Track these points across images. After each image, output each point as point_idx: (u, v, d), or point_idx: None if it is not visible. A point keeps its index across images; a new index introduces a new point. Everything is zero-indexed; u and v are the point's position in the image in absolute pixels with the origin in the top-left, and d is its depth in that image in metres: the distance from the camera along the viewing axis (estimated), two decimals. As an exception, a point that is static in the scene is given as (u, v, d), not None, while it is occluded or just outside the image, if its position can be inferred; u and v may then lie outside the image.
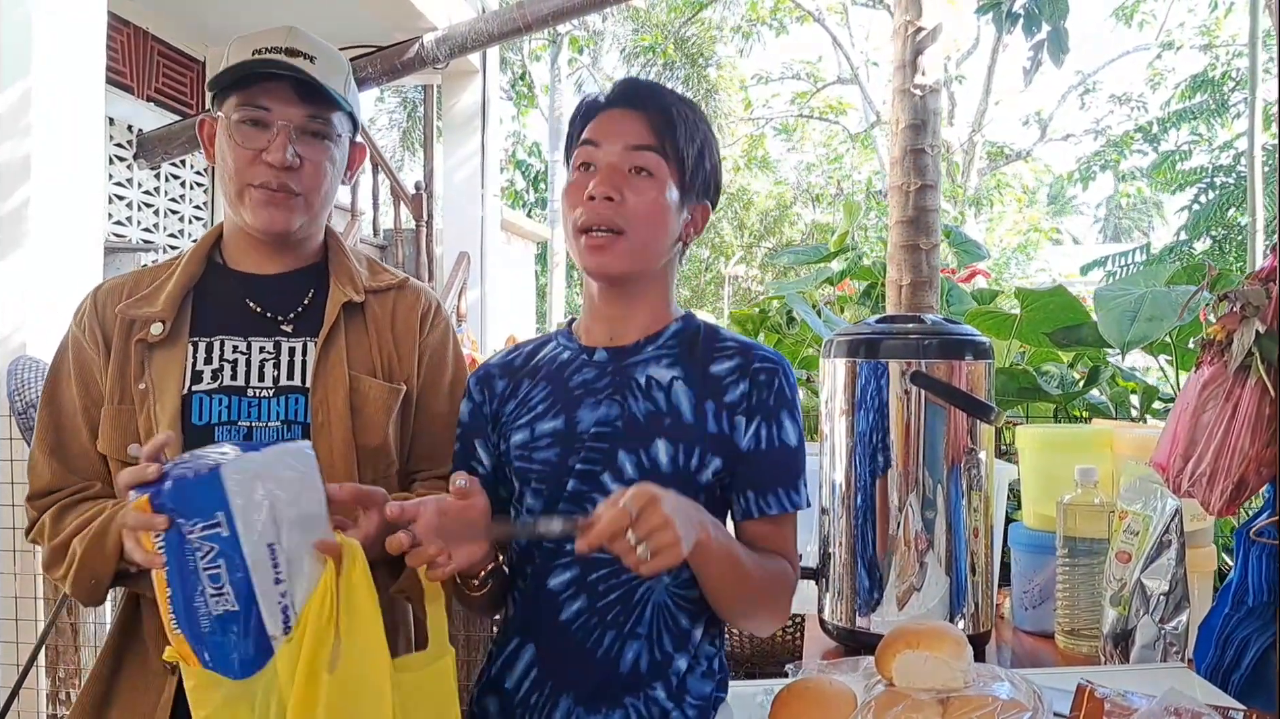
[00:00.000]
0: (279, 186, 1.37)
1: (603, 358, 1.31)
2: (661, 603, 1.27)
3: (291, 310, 1.44)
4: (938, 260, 2.85)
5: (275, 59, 1.36)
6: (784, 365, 1.30)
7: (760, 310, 4.08)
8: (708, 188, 1.34)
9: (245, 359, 1.41)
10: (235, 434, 1.38)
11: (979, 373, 1.62)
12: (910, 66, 2.77)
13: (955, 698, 1.05)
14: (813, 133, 18.27)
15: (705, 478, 1.26)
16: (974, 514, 1.62)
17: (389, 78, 6.50)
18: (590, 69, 16.87)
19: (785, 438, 1.27)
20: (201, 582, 1.06)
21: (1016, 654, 1.72)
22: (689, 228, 1.33)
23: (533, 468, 1.31)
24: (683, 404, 1.27)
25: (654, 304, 1.33)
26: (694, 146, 1.29)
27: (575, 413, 1.29)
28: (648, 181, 1.26)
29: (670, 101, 1.30)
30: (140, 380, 1.37)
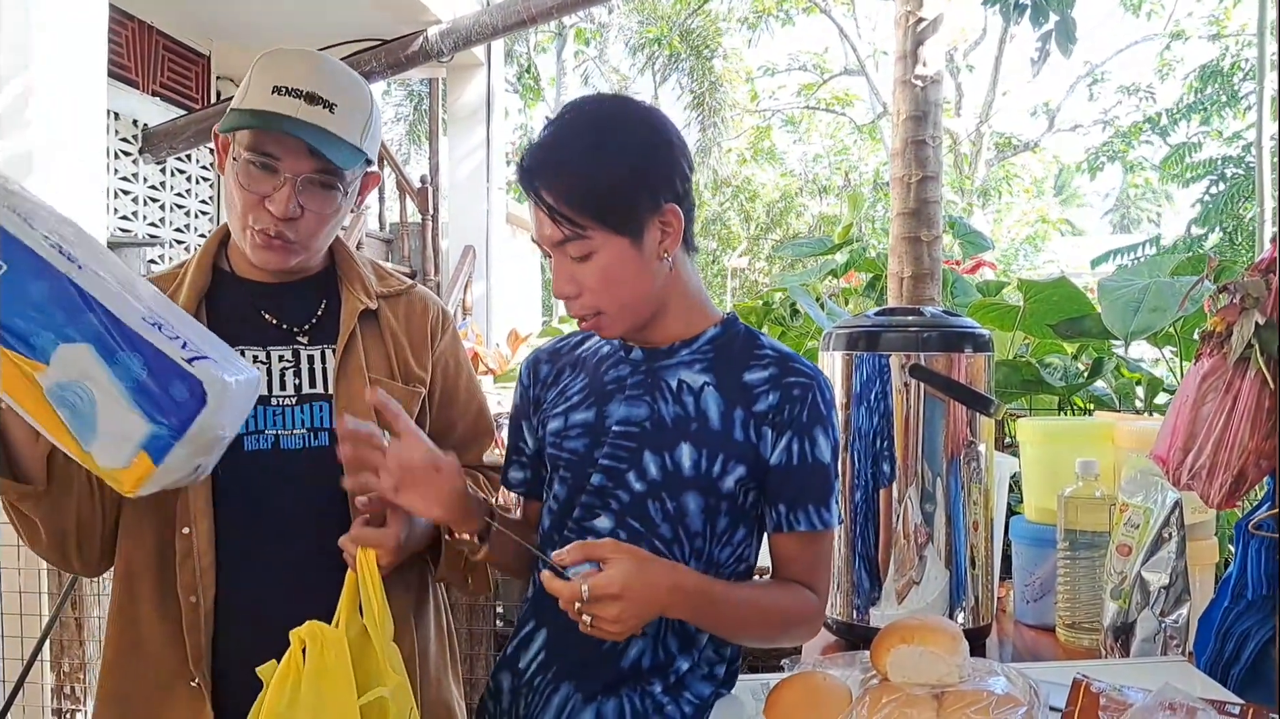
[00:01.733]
0: (277, 234, 1.38)
1: (639, 357, 1.33)
2: None
3: (306, 321, 1.46)
4: (939, 252, 2.84)
5: (293, 107, 1.33)
6: (820, 380, 1.29)
7: (764, 303, 4.07)
8: (655, 193, 1.24)
9: (266, 369, 1.42)
10: (263, 442, 1.41)
11: (979, 365, 1.61)
12: (911, 57, 2.75)
13: (950, 693, 1.05)
14: (819, 124, 18.22)
15: (728, 485, 1.26)
16: (974, 507, 1.61)
17: (393, 71, 6.51)
18: (596, 61, 16.84)
19: (819, 454, 1.27)
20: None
21: (1017, 648, 1.72)
22: (662, 242, 1.25)
23: (562, 456, 1.34)
24: (711, 410, 1.27)
25: (682, 312, 1.32)
26: (608, 185, 1.20)
27: (606, 407, 1.32)
28: (592, 263, 1.23)
29: (558, 161, 1.22)
30: None
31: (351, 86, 1.40)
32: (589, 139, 1.23)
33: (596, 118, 1.25)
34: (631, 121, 1.25)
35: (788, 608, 1.28)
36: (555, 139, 1.24)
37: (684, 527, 1.27)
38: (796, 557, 1.29)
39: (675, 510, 1.27)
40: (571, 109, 1.26)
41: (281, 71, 1.36)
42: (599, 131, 1.23)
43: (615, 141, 1.23)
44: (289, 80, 1.34)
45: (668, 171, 1.25)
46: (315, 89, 1.34)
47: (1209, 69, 10.73)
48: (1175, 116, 11.35)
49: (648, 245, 1.24)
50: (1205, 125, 10.88)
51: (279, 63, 1.38)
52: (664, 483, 1.26)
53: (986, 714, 1.01)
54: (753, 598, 1.27)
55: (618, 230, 1.22)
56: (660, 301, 1.29)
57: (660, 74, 16.05)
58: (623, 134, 1.23)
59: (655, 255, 1.25)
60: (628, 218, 1.22)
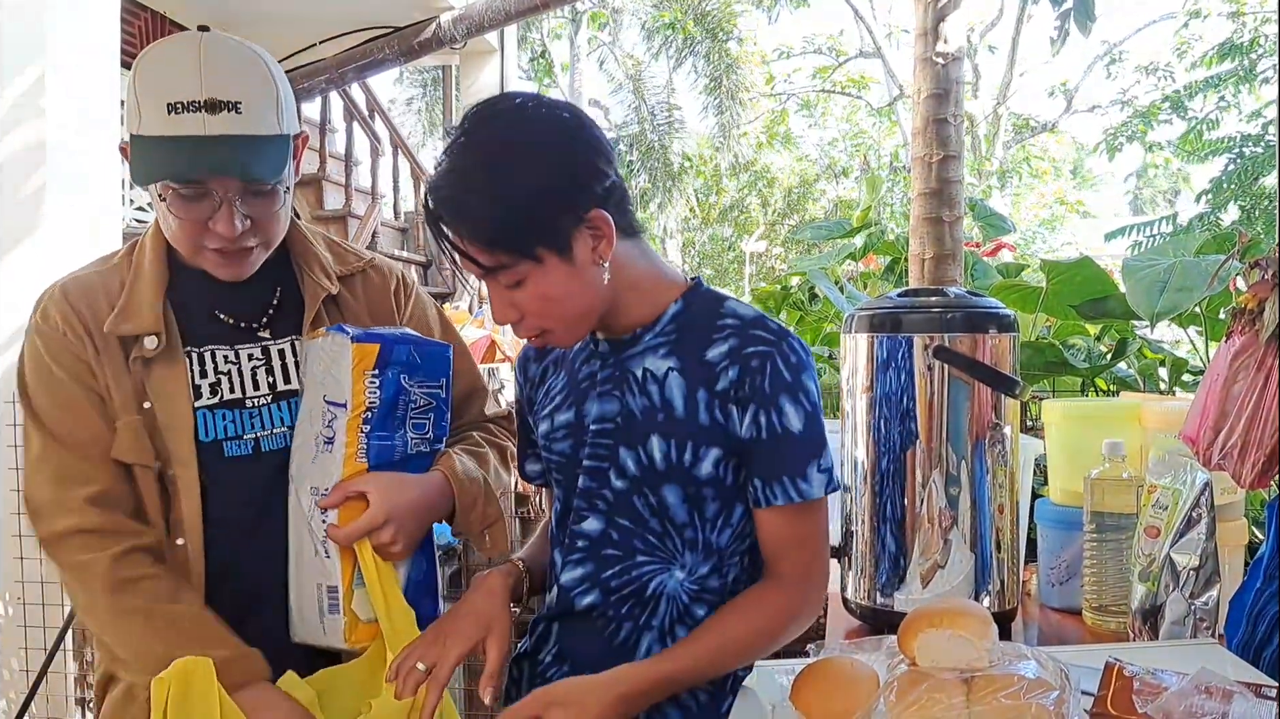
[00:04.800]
0: (236, 250, 1.31)
1: (605, 350, 1.29)
2: (675, 596, 1.26)
3: (264, 314, 1.41)
4: (961, 233, 2.80)
5: (196, 124, 1.20)
6: (784, 345, 1.21)
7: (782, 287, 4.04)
8: (573, 205, 1.16)
9: (237, 368, 1.38)
10: (243, 447, 1.37)
11: (1004, 346, 1.58)
12: (932, 34, 2.71)
13: (980, 677, 1.03)
14: (835, 108, 18.12)
15: (704, 471, 1.22)
16: (999, 490, 1.59)
17: (406, 58, 6.48)
18: (610, 46, 16.78)
19: (787, 423, 1.20)
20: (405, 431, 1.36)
21: (1043, 631, 1.70)
22: (595, 249, 1.19)
23: (552, 459, 1.33)
24: (675, 397, 1.23)
25: (638, 297, 1.26)
26: (518, 216, 1.13)
27: (584, 406, 1.29)
28: (525, 289, 1.17)
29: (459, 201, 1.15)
30: (144, 398, 1.32)
31: (248, 68, 1.27)
32: (488, 169, 1.14)
33: (492, 140, 1.16)
34: (532, 136, 1.16)
35: (758, 628, 1.23)
36: (453, 173, 1.15)
37: (669, 519, 1.25)
38: (778, 533, 1.24)
39: (658, 504, 1.24)
40: (465, 131, 1.17)
41: (168, 84, 1.22)
42: (497, 157, 1.14)
43: (518, 165, 1.14)
44: (181, 93, 1.21)
45: (583, 178, 1.17)
46: (212, 93, 1.22)
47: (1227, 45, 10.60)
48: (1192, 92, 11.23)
49: (580, 257, 1.17)
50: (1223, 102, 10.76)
51: (162, 70, 1.24)
52: (643, 478, 1.24)
53: (1018, 699, 0.99)
54: (717, 644, 1.22)
55: (542, 254, 1.15)
56: (611, 298, 1.23)
57: (675, 58, 15.98)
58: (525, 155, 1.14)
59: (590, 263, 1.19)
60: (549, 240, 1.15)
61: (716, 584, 1.26)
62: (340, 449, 1.31)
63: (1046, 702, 0.98)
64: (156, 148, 1.23)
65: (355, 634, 1.32)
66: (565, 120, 1.19)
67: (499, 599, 1.28)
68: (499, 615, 1.27)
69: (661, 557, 1.26)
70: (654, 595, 1.26)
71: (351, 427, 1.31)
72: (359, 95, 7.47)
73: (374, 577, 1.30)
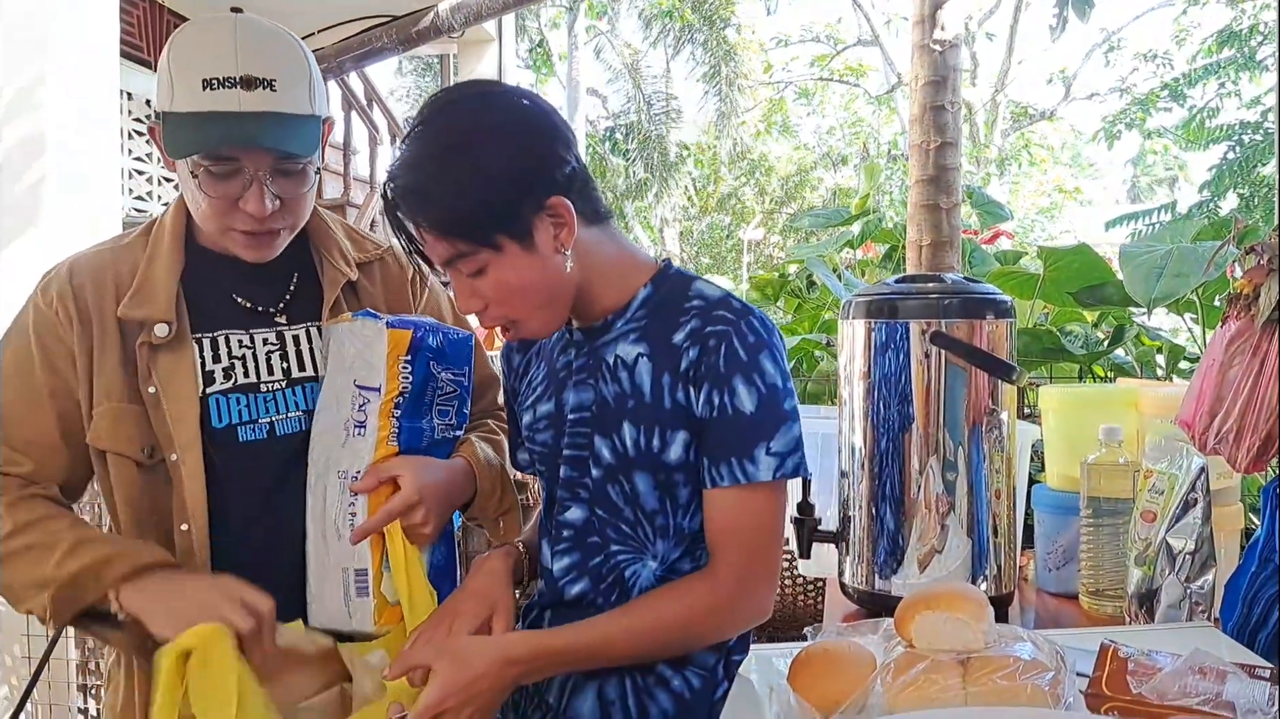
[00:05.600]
0: (264, 230, 1.32)
1: (579, 338, 1.29)
2: (649, 586, 1.26)
3: (281, 299, 1.41)
4: (959, 220, 2.81)
5: (231, 99, 1.21)
6: (742, 325, 1.20)
7: (780, 275, 4.04)
8: (532, 193, 1.16)
9: (251, 353, 1.38)
10: (258, 431, 1.37)
11: (1001, 332, 1.59)
12: (930, 21, 2.71)
13: (976, 658, 1.04)
14: (833, 96, 18.08)
15: (673, 456, 1.22)
16: (996, 475, 1.60)
17: (404, 47, 6.46)
18: (608, 35, 16.73)
19: (738, 404, 1.18)
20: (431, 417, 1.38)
21: (1040, 615, 1.71)
22: (557, 236, 1.18)
23: (536, 449, 1.33)
24: (645, 383, 1.22)
25: (608, 283, 1.26)
26: (476, 203, 1.13)
27: (563, 395, 1.29)
28: (487, 277, 1.17)
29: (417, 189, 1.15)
30: (149, 383, 1.32)
31: (282, 48, 1.29)
32: (446, 157, 1.14)
33: (450, 127, 1.16)
34: (491, 122, 1.16)
35: (675, 619, 1.20)
36: (412, 162, 1.15)
37: (640, 507, 1.25)
38: (720, 517, 1.22)
39: (630, 492, 1.24)
40: (423, 119, 1.17)
41: (205, 61, 1.23)
42: (455, 145, 1.14)
43: (476, 152, 1.14)
44: (217, 70, 1.22)
45: (543, 165, 1.17)
46: (249, 70, 1.23)
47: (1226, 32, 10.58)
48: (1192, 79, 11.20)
49: (541, 244, 1.17)
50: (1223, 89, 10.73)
51: (197, 48, 1.26)
52: (617, 465, 1.24)
53: (1013, 679, 1.00)
54: (626, 627, 1.20)
55: (502, 241, 1.15)
56: (579, 285, 1.23)
57: (673, 47, 15.94)
58: (483, 143, 1.14)
59: (552, 251, 1.18)
60: (509, 229, 1.15)
61: (689, 569, 1.26)
62: (373, 433, 1.32)
63: (1042, 682, 1.00)
64: (190, 123, 1.24)
65: (384, 617, 1.33)
66: (524, 107, 1.19)
67: (501, 579, 1.29)
68: (502, 594, 1.27)
69: (634, 546, 1.26)
70: (631, 584, 1.27)
71: (384, 411, 1.32)
72: (357, 85, 7.45)
73: (401, 560, 1.31)
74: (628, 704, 1.26)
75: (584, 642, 1.20)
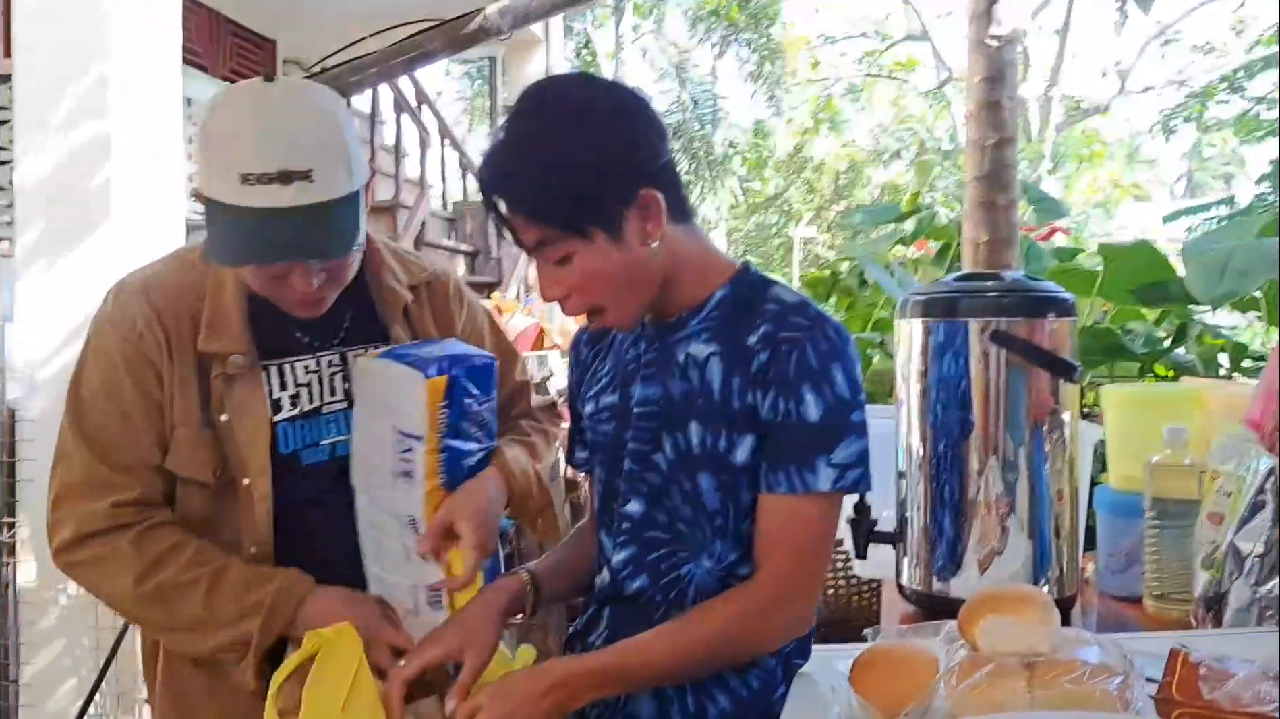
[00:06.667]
0: (313, 302, 1.34)
1: (651, 333, 1.29)
2: (704, 584, 1.26)
3: (340, 329, 1.43)
4: (1016, 217, 2.77)
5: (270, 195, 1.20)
6: (817, 332, 1.19)
7: (832, 273, 4.01)
8: (624, 184, 1.16)
9: (317, 377, 1.41)
10: (320, 453, 1.41)
11: (1062, 331, 1.57)
12: (986, 17, 2.68)
13: (1042, 662, 1.02)
14: (881, 92, 17.91)
15: (739, 458, 1.21)
16: (1058, 476, 1.58)
17: (452, 50, 6.51)
18: (655, 34, 16.73)
19: (804, 411, 1.18)
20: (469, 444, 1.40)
21: (1103, 618, 1.69)
22: (645, 227, 1.18)
23: (598, 438, 1.34)
24: (714, 382, 1.22)
25: (688, 280, 1.26)
26: (569, 191, 1.13)
27: (629, 388, 1.29)
28: (573, 265, 1.17)
29: (513, 172, 1.16)
30: (222, 412, 1.34)
31: (316, 127, 1.25)
32: (542, 142, 1.14)
33: (545, 114, 1.16)
34: (588, 112, 1.16)
35: (716, 632, 1.19)
36: (507, 145, 1.16)
37: (700, 506, 1.24)
38: (771, 523, 1.21)
39: (692, 491, 1.24)
40: (521, 107, 1.18)
41: (239, 153, 1.21)
42: (549, 131, 1.15)
43: (569, 140, 1.14)
44: (254, 164, 1.20)
45: (636, 156, 1.17)
46: (285, 164, 1.20)
47: (1288, 23, 10.31)
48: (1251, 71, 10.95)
49: (629, 236, 1.17)
50: (1284, 81, 10.47)
51: (232, 138, 1.23)
52: (680, 463, 1.24)
53: (1081, 684, 0.98)
54: (669, 646, 1.19)
55: (590, 229, 1.15)
56: (662, 279, 1.23)
57: (719, 46, 15.89)
58: (579, 129, 1.15)
59: (640, 243, 1.18)
60: (599, 217, 1.15)
61: (746, 573, 1.25)
62: (420, 480, 1.34)
63: (1110, 687, 0.98)
64: (232, 219, 1.23)
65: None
66: (621, 98, 1.20)
67: (489, 615, 1.28)
68: (480, 630, 1.26)
69: (691, 544, 1.26)
70: (687, 582, 1.27)
71: (429, 456, 1.35)
72: (407, 87, 7.52)
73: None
74: (686, 703, 1.26)
75: (630, 661, 1.19)
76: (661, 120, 1.23)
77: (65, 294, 2.75)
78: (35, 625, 2.82)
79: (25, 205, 2.81)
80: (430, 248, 6.73)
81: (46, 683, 2.81)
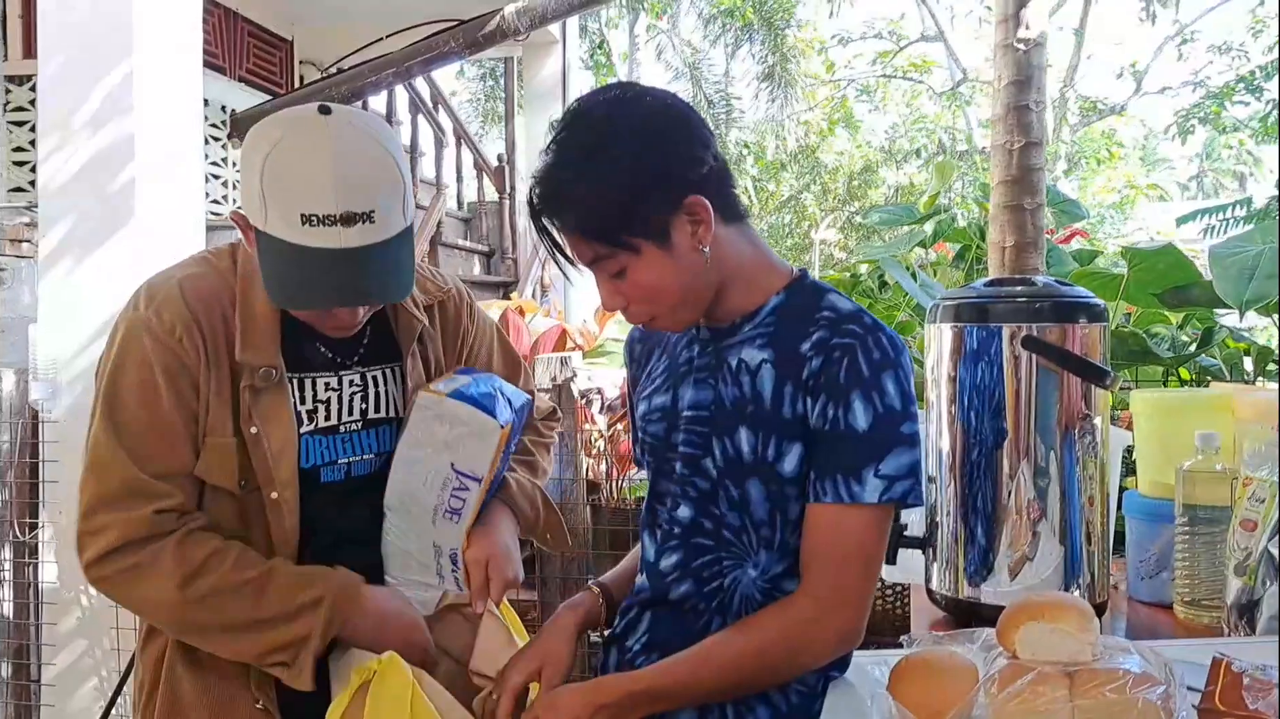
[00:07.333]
0: (350, 325, 1.37)
1: (706, 336, 1.29)
2: (748, 594, 1.26)
3: (359, 347, 1.44)
4: (1042, 221, 2.75)
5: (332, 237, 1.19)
6: (869, 340, 1.18)
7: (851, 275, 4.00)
8: (670, 194, 1.17)
9: (337, 395, 1.41)
10: (336, 473, 1.42)
11: (1094, 336, 1.56)
12: (1013, 20, 2.67)
13: (1083, 671, 1.02)
14: (895, 93, 17.86)
15: (788, 468, 1.20)
16: (1089, 482, 1.57)
17: (470, 51, 6.51)
18: (670, 34, 16.72)
19: (852, 420, 1.17)
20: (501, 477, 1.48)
21: (1133, 624, 1.67)
22: (695, 234, 1.19)
23: (646, 440, 1.34)
24: (766, 389, 1.22)
25: (743, 285, 1.26)
26: (614, 207, 1.15)
27: (680, 390, 1.30)
28: (628, 278, 1.19)
29: (559, 194, 1.18)
30: (250, 423, 1.34)
31: (376, 166, 1.24)
32: (581, 164, 1.16)
33: (585, 134, 1.18)
34: (623, 128, 1.17)
35: (759, 649, 1.19)
36: (552, 167, 1.18)
37: (748, 514, 1.24)
38: (816, 534, 1.20)
39: (740, 498, 1.23)
40: (562, 126, 1.20)
41: (303, 194, 1.19)
42: (589, 152, 1.16)
43: (609, 158, 1.16)
44: (316, 206, 1.19)
45: (680, 165, 1.18)
46: (347, 206, 1.19)
47: (1308, 23, 10.25)
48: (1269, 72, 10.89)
49: (679, 244, 1.19)
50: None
51: (294, 177, 1.20)
52: (729, 470, 1.23)
53: (1123, 693, 0.98)
54: (718, 665, 1.19)
55: (639, 243, 1.17)
56: (717, 282, 1.24)
57: (732, 45, 15.88)
58: (617, 146, 1.16)
59: (691, 249, 1.19)
60: (646, 231, 1.17)
61: (792, 587, 1.24)
62: (466, 519, 1.41)
63: (1153, 697, 0.97)
64: (292, 258, 1.22)
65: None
66: (656, 109, 1.20)
67: (564, 637, 1.32)
68: (557, 649, 1.31)
69: (736, 552, 1.26)
70: (731, 590, 1.26)
71: (480, 497, 1.41)
72: (423, 87, 7.54)
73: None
74: (726, 714, 1.26)
75: (672, 679, 1.20)
76: (704, 123, 1.24)
77: (89, 294, 2.77)
78: (57, 626, 2.84)
79: (49, 206, 2.83)
80: (446, 248, 6.73)
81: (68, 683, 2.82)
